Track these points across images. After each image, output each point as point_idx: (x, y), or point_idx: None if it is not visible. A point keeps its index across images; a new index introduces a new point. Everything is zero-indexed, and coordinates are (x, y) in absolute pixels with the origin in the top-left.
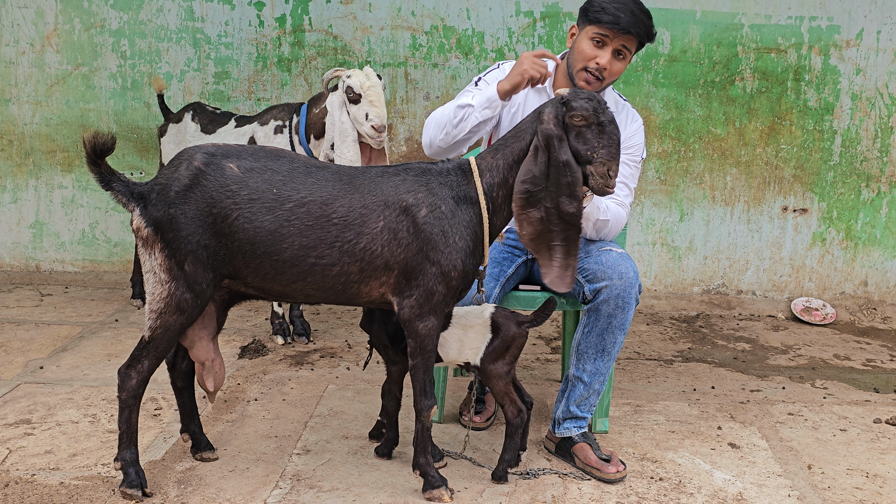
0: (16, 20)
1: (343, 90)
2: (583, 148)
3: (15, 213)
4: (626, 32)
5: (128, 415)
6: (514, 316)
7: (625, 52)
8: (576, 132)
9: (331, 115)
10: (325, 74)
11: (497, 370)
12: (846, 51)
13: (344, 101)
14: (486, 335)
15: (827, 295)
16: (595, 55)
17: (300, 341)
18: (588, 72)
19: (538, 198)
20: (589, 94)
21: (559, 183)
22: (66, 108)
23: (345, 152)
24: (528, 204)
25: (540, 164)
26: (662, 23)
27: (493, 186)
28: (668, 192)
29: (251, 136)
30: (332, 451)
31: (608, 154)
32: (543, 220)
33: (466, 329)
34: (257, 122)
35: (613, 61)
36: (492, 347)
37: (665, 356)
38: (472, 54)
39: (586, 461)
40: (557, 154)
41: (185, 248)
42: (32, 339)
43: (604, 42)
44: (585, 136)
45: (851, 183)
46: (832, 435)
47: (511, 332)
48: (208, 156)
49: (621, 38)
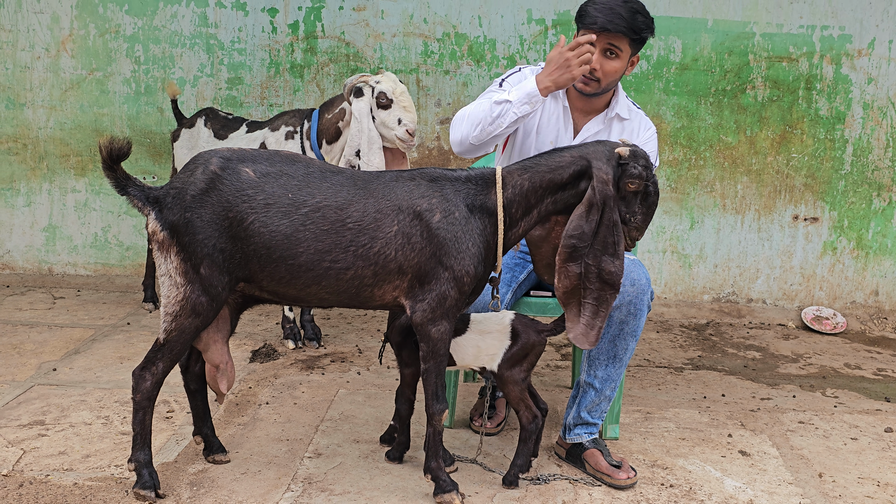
0: (31, 25)
1: (373, 96)
2: (624, 210)
3: (28, 217)
4: (604, 30)
5: (142, 416)
6: (534, 324)
7: (615, 49)
8: (623, 194)
9: (357, 122)
10: (349, 80)
11: (514, 376)
12: (858, 60)
13: (371, 107)
14: (504, 342)
15: (838, 304)
16: None
17: (311, 346)
18: None
19: (581, 254)
20: (646, 160)
21: (606, 242)
22: (80, 112)
23: (372, 159)
24: (570, 258)
25: (591, 222)
26: (674, 31)
27: (513, 202)
28: (678, 200)
29: (262, 142)
30: (343, 455)
31: (643, 220)
32: (581, 276)
33: (484, 335)
34: (268, 128)
35: (604, 61)
36: (510, 354)
37: (675, 364)
38: (483, 61)
39: (597, 467)
40: (611, 214)
41: (200, 251)
42: (45, 342)
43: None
44: (630, 200)
45: (863, 192)
46: (843, 444)
47: (530, 339)
48: (224, 160)
49: (605, 38)
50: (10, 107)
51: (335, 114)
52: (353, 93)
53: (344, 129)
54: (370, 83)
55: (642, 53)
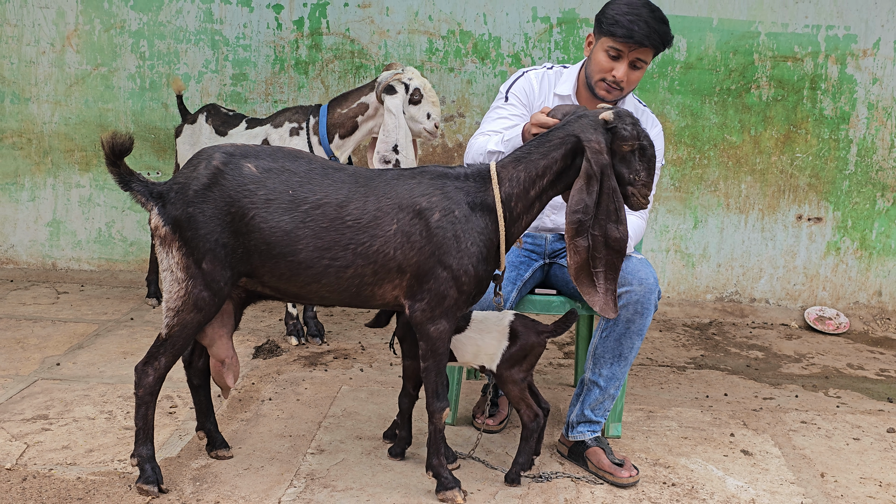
0: (37, 20)
1: (407, 92)
2: (626, 171)
3: (33, 212)
4: (640, 46)
5: (144, 411)
6: (535, 325)
7: (642, 62)
8: (620, 156)
9: (394, 118)
10: (383, 77)
11: (513, 376)
12: (863, 60)
13: (404, 102)
14: (503, 342)
15: (841, 304)
16: (611, 67)
17: (314, 342)
18: (605, 82)
19: (587, 227)
20: (631, 118)
21: (608, 210)
22: (84, 107)
23: (409, 153)
24: (577, 233)
25: (592, 193)
26: (679, 30)
27: (512, 196)
28: (682, 199)
29: (264, 139)
30: (345, 452)
31: (647, 175)
32: (589, 248)
33: (483, 334)
34: (270, 125)
35: (630, 72)
36: (508, 354)
37: (678, 363)
38: (488, 59)
39: (599, 465)
40: (609, 182)
41: (203, 246)
42: (49, 336)
43: (619, 55)
44: (628, 159)
45: (867, 192)
46: (845, 444)
47: (529, 340)
48: (227, 155)
49: (636, 51)
50: (15, 101)
51: (353, 108)
52: (386, 90)
53: (362, 124)
54: (403, 80)
55: None
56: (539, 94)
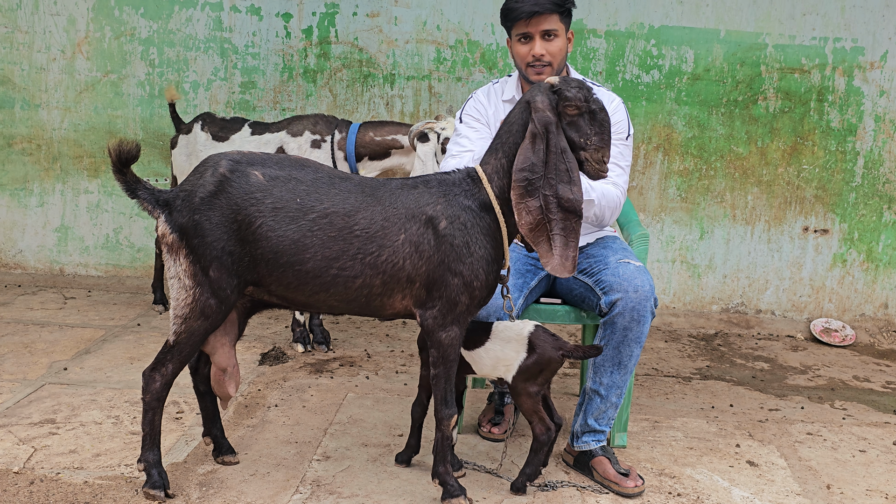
0: (48, 27)
1: (438, 142)
2: (576, 136)
3: (41, 217)
4: (535, 14)
5: (151, 416)
6: (555, 340)
7: (551, 31)
8: (568, 121)
9: (423, 165)
10: (415, 127)
11: (527, 389)
12: (870, 72)
13: (436, 152)
14: (521, 353)
15: (847, 316)
16: (529, 49)
17: (320, 349)
18: (531, 66)
19: (536, 186)
20: (577, 81)
21: (557, 169)
22: (94, 114)
23: None
24: (527, 193)
25: (538, 151)
26: (686, 41)
27: (504, 188)
28: (688, 210)
29: (279, 147)
30: (351, 458)
31: (600, 140)
32: (542, 208)
33: (503, 344)
34: (286, 132)
35: (546, 44)
36: (524, 366)
37: (683, 373)
38: (495, 68)
39: (605, 475)
40: (555, 140)
41: (209, 253)
42: (56, 341)
43: (528, 35)
44: (578, 124)
45: (873, 205)
46: (851, 456)
47: (547, 355)
48: (233, 163)
49: (537, 22)
50: (25, 107)
51: (386, 140)
52: (419, 137)
53: (394, 155)
54: (436, 129)
55: (654, 63)
56: (490, 106)
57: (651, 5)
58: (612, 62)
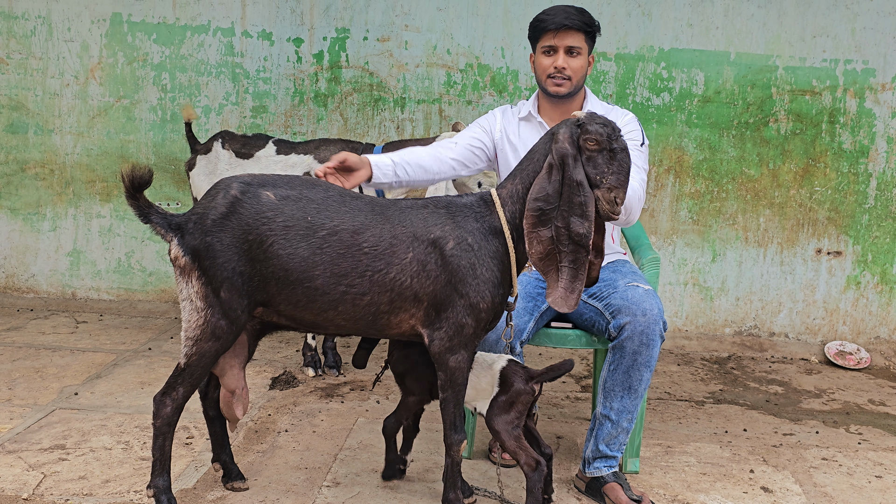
0: (62, 53)
1: None
2: (592, 172)
3: (53, 241)
4: (562, 27)
5: (161, 442)
6: (525, 371)
7: (575, 48)
8: (587, 155)
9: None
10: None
11: (501, 425)
12: (882, 94)
13: None
14: (493, 388)
15: (861, 339)
16: (552, 62)
17: (331, 374)
18: (552, 77)
19: (550, 216)
20: (604, 119)
21: (571, 202)
22: (106, 139)
23: None
24: (539, 222)
25: (554, 182)
26: (696, 63)
27: (516, 214)
28: (700, 233)
29: (307, 171)
30: (361, 485)
31: (616, 180)
32: (553, 239)
33: (479, 377)
34: (313, 157)
35: (569, 59)
36: (497, 402)
37: (696, 397)
38: (506, 92)
39: (617, 501)
40: (572, 173)
41: (221, 275)
42: (68, 366)
43: (552, 49)
44: (596, 160)
45: (887, 226)
46: (867, 481)
47: (517, 388)
48: (245, 185)
49: (564, 37)
50: (39, 133)
51: None
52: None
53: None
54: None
55: (664, 86)
56: (503, 121)
57: (661, 28)
58: (623, 85)
